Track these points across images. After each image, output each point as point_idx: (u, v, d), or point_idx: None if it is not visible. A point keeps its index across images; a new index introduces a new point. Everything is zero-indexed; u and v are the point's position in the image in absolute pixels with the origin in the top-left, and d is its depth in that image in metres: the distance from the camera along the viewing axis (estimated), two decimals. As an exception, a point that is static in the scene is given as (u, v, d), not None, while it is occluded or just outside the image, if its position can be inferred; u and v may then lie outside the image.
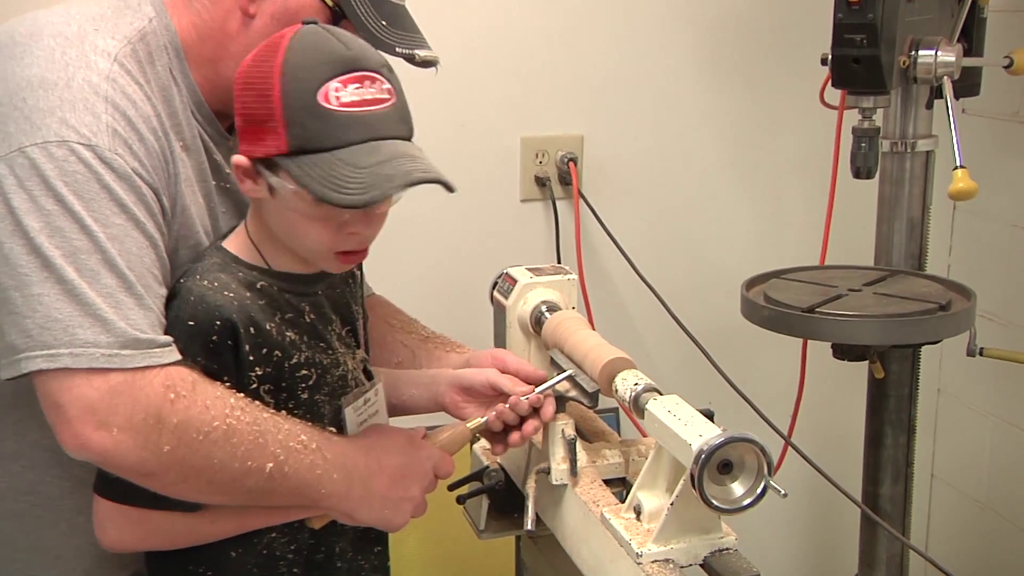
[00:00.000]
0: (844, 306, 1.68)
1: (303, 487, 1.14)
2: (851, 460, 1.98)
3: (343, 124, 1.06)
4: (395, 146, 1.09)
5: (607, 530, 1.20)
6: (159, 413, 1.05)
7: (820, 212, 1.96)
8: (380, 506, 1.19)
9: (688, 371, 2.12)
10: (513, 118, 2.10)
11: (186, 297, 1.12)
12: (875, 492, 1.88)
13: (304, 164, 1.06)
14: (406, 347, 1.44)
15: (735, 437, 1.07)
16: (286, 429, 1.13)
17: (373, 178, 1.05)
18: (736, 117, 2.24)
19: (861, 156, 1.72)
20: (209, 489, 1.10)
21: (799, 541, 2.51)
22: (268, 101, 1.07)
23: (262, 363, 1.14)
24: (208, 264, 1.16)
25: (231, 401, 1.09)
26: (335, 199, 1.05)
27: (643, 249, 2.13)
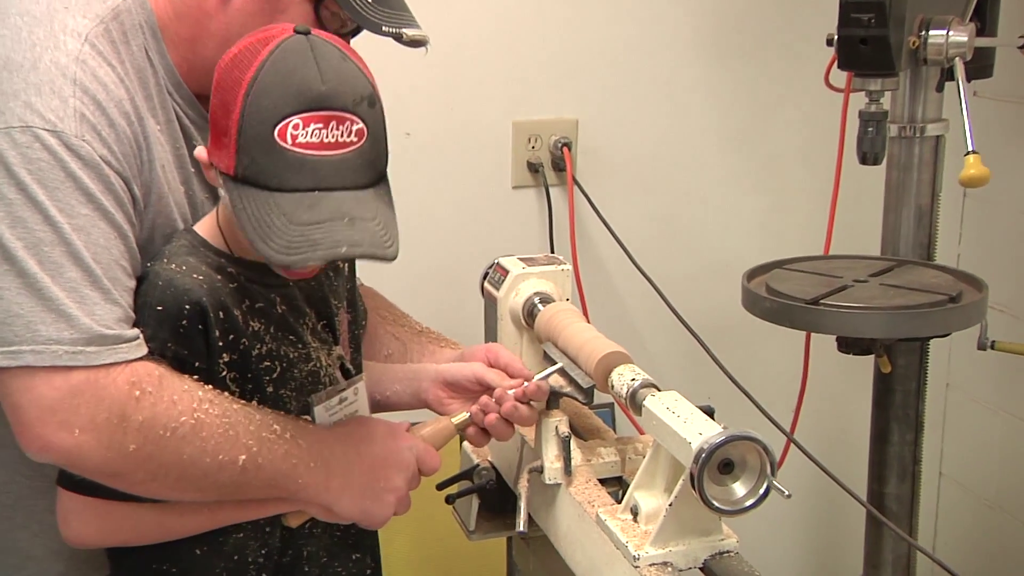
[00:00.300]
0: (849, 297, 1.68)
1: (279, 478, 1.14)
2: (856, 458, 1.98)
3: (292, 166, 1.05)
4: (340, 203, 1.06)
5: (603, 532, 1.20)
6: (123, 412, 1.05)
7: (825, 199, 1.95)
8: (360, 497, 1.19)
9: (687, 365, 2.12)
10: (504, 101, 2.09)
11: (154, 281, 1.12)
12: (881, 491, 1.88)
13: (244, 195, 1.06)
14: (397, 340, 1.44)
15: (737, 435, 1.07)
16: (258, 419, 1.12)
17: (301, 240, 1.04)
18: (738, 100, 2.24)
19: (868, 141, 1.71)
20: (180, 486, 1.10)
21: (802, 542, 2.52)
22: (228, 116, 1.06)
23: (229, 349, 1.14)
24: (176, 247, 1.16)
25: (199, 394, 1.09)
26: (259, 248, 1.04)
27: (640, 238, 2.13)
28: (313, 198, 1.05)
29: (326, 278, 1.27)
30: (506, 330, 1.44)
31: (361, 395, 1.29)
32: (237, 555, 1.19)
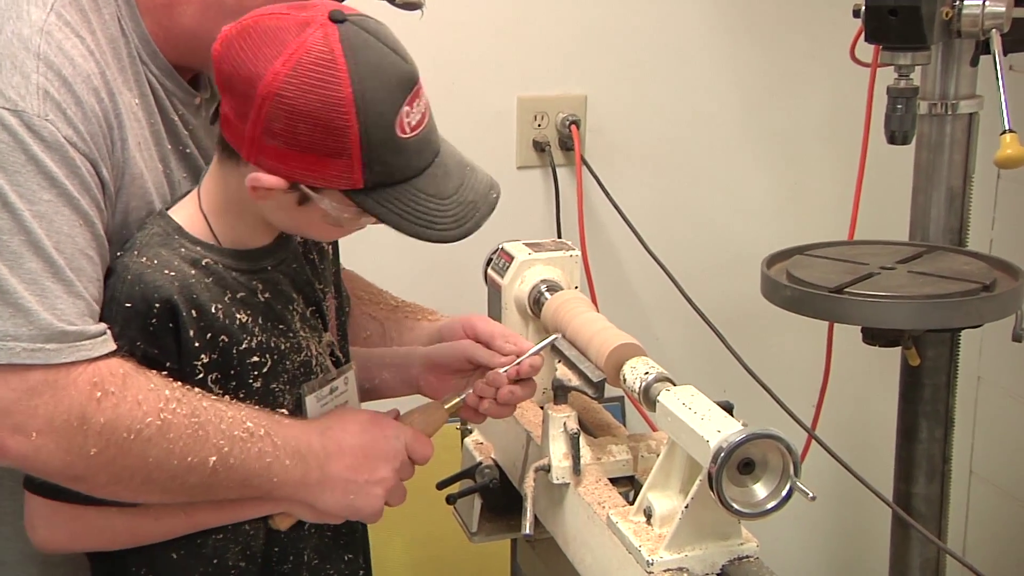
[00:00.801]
0: (875, 286, 1.67)
1: (252, 477, 1.13)
2: (882, 456, 1.97)
3: (416, 151, 1.11)
4: (451, 155, 1.15)
5: (614, 535, 1.20)
6: (83, 413, 1.04)
7: (850, 182, 1.94)
8: (343, 491, 1.18)
9: (702, 358, 2.11)
10: (509, 76, 2.08)
11: (123, 275, 1.12)
12: (908, 491, 1.88)
13: (383, 200, 1.09)
14: (374, 319, 1.44)
15: (758, 433, 1.06)
16: (229, 417, 1.11)
17: (460, 208, 1.12)
18: (756, 75, 2.23)
19: (896, 119, 1.70)
20: (146, 489, 1.10)
21: (824, 545, 2.52)
22: (341, 137, 1.06)
23: (208, 350, 1.13)
24: (148, 236, 1.15)
25: (166, 393, 1.08)
26: (429, 236, 1.11)
27: (653, 222, 2.12)
28: (439, 166, 1.12)
29: (307, 262, 1.27)
30: (511, 319, 1.44)
31: (351, 384, 1.29)
32: (217, 558, 1.18)
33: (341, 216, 1.12)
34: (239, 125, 1.09)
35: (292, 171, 1.09)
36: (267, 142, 1.08)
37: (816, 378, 2.08)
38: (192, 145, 1.23)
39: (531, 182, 2.13)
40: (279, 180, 1.09)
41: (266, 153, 1.08)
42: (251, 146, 1.09)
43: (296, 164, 1.08)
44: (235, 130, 1.10)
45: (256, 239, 1.19)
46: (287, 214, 1.14)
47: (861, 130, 1.89)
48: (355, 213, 1.12)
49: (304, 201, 1.11)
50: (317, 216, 1.13)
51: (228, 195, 1.15)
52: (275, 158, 1.08)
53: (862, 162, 1.91)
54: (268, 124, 1.07)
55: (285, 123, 1.06)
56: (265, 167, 1.09)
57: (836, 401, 2.13)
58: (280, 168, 1.09)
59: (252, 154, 1.09)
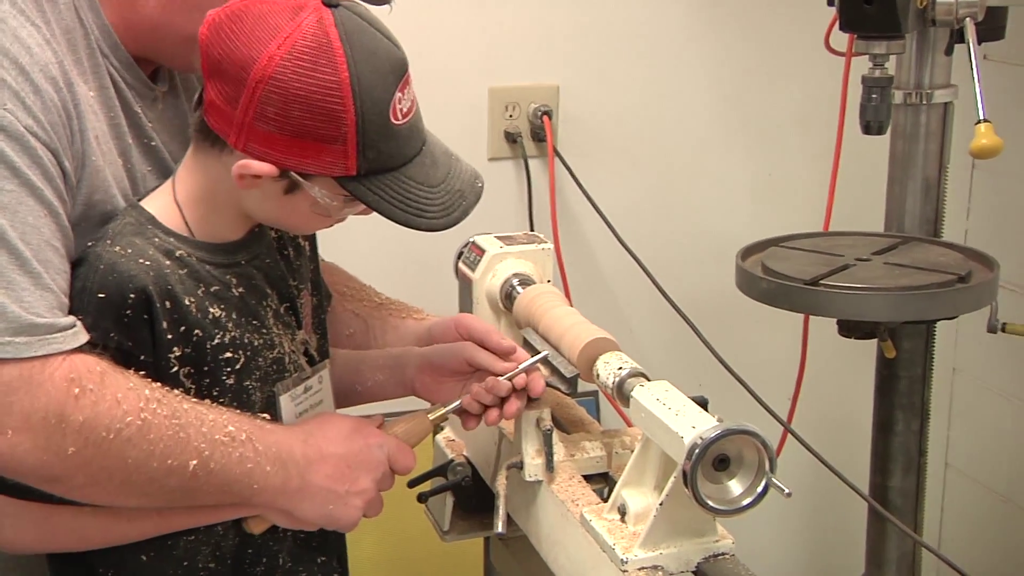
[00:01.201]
0: (851, 277, 1.68)
1: (232, 483, 1.13)
2: (857, 449, 1.99)
3: (407, 138, 1.12)
4: (437, 144, 1.18)
5: (587, 533, 1.20)
6: (61, 411, 1.03)
7: (825, 172, 1.95)
8: (322, 500, 1.18)
9: (677, 351, 2.12)
10: (479, 66, 2.08)
11: (95, 265, 1.11)
12: (884, 484, 1.89)
13: (375, 187, 1.11)
14: (358, 316, 1.43)
15: (733, 429, 1.07)
16: (211, 420, 1.11)
17: (448, 197, 1.14)
18: (731, 65, 2.23)
19: (871, 109, 1.71)
20: (124, 492, 1.09)
21: (799, 539, 2.53)
22: (337, 123, 1.07)
23: (180, 343, 1.13)
24: (121, 225, 1.14)
25: (146, 393, 1.08)
26: (419, 224, 1.13)
27: (627, 214, 2.12)
28: (427, 155, 1.15)
29: (283, 258, 1.26)
30: (482, 314, 1.44)
31: (325, 384, 1.28)
32: (187, 560, 1.18)
33: (329, 204, 1.12)
34: (228, 111, 1.08)
35: (284, 157, 1.09)
36: (259, 127, 1.08)
37: (792, 371, 2.09)
38: (155, 139, 1.22)
39: (503, 174, 2.12)
40: (270, 167, 1.09)
41: (257, 139, 1.08)
42: (241, 132, 1.09)
43: (288, 150, 1.08)
44: (223, 116, 1.09)
45: (231, 232, 1.19)
46: (272, 203, 1.14)
47: (836, 120, 1.89)
48: (344, 201, 1.12)
49: (292, 189, 1.12)
50: (304, 205, 1.13)
51: (206, 185, 1.15)
52: (266, 144, 1.08)
53: (837, 152, 1.92)
54: (261, 109, 1.07)
55: (279, 107, 1.06)
56: (255, 154, 1.09)
57: (812, 395, 2.14)
58: (271, 154, 1.09)
59: (241, 140, 1.09)
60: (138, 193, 1.20)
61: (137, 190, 1.20)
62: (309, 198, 1.12)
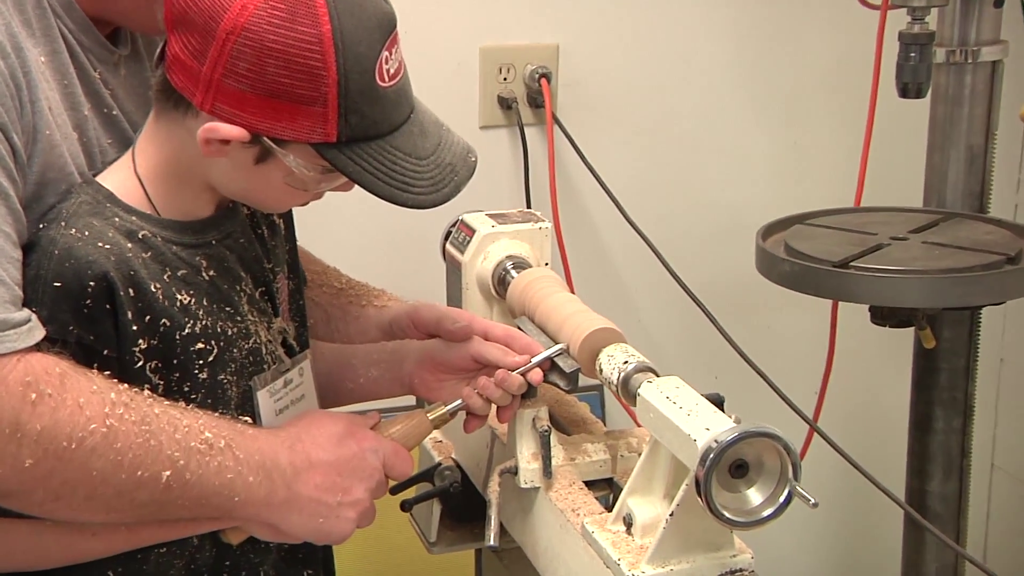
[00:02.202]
0: (885, 259, 1.68)
1: (211, 496, 1.12)
2: (892, 450, 1.99)
3: (394, 103, 1.12)
4: (426, 113, 1.17)
5: (589, 546, 1.20)
6: (16, 419, 1.02)
7: (856, 140, 1.95)
8: (312, 513, 1.18)
9: (690, 343, 2.14)
10: (470, 23, 2.07)
11: (48, 250, 1.10)
12: (922, 488, 1.90)
13: (357, 156, 1.10)
14: (317, 305, 1.43)
15: (752, 431, 1.06)
16: (185, 426, 1.11)
17: (438, 171, 1.14)
18: (751, 20, 2.22)
19: (909, 69, 1.71)
20: (89, 506, 1.09)
21: (827, 552, 2.53)
22: (316, 80, 1.07)
23: (146, 334, 1.12)
24: (76, 205, 1.13)
25: (111, 396, 1.07)
26: (405, 200, 1.12)
27: (634, 189, 2.12)
28: (415, 123, 1.15)
29: (257, 238, 1.26)
30: (473, 300, 1.44)
31: (307, 377, 1.28)
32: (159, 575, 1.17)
33: (306, 176, 1.12)
34: (194, 66, 1.08)
35: (256, 120, 1.08)
36: (228, 85, 1.07)
37: (818, 364, 2.08)
38: (116, 107, 1.22)
39: (495, 144, 2.12)
40: (240, 131, 1.09)
41: (226, 98, 1.08)
42: (208, 90, 1.08)
43: (261, 112, 1.08)
44: (188, 73, 1.09)
45: (199, 208, 1.18)
46: (241, 174, 1.13)
47: (869, 82, 1.89)
48: (322, 172, 1.12)
49: (264, 158, 1.11)
50: (277, 176, 1.13)
51: (169, 155, 1.15)
52: (236, 104, 1.08)
53: (870, 118, 1.91)
54: (231, 64, 1.06)
55: (252, 62, 1.06)
56: (223, 115, 1.08)
57: (841, 389, 2.14)
58: (241, 116, 1.08)
59: (208, 100, 1.08)
60: (96, 169, 1.19)
61: (95, 165, 1.19)
62: (283, 168, 1.11)
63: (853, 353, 2.17)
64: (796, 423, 1.75)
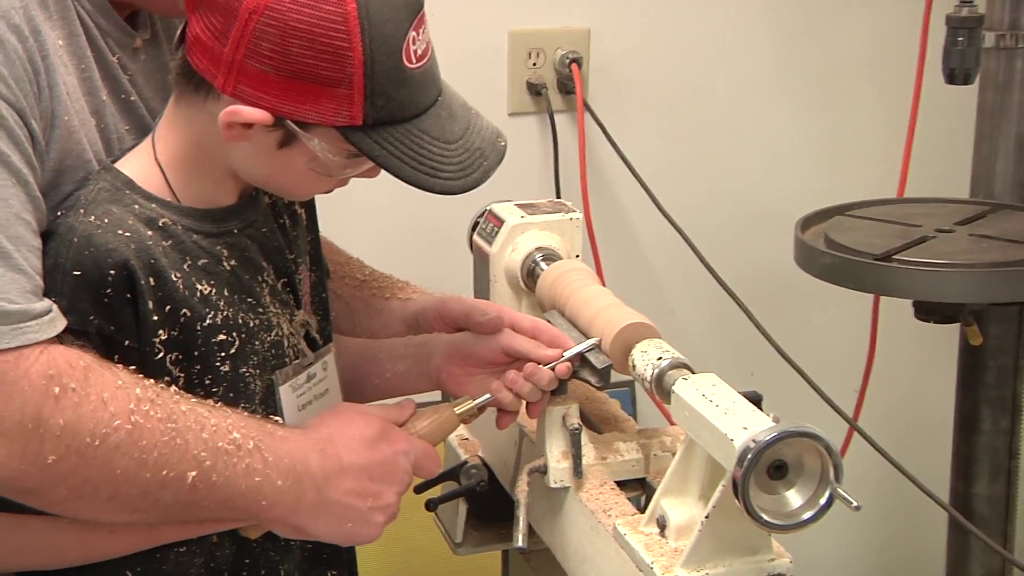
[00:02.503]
0: (930, 252, 1.68)
1: (237, 498, 1.12)
2: (936, 450, 1.98)
3: (421, 86, 1.12)
4: (455, 97, 1.17)
5: (621, 548, 1.20)
6: (39, 414, 1.03)
7: (900, 128, 1.95)
8: (340, 518, 1.18)
9: (725, 338, 2.13)
10: (498, 6, 2.07)
11: (67, 239, 1.10)
12: (967, 491, 1.89)
13: (383, 140, 1.11)
14: (339, 297, 1.43)
15: (792, 431, 1.05)
16: (212, 425, 1.11)
17: (467, 155, 1.14)
18: (788, 1, 2.21)
19: (957, 54, 1.70)
20: (112, 506, 1.09)
21: (868, 556, 2.52)
22: (342, 63, 1.07)
23: (167, 325, 1.12)
24: (95, 192, 1.14)
25: (136, 392, 1.07)
26: (432, 185, 1.12)
27: (667, 178, 2.12)
28: (443, 106, 1.15)
29: (277, 226, 1.26)
30: (501, 293, 1.43)
31: (331, 371, 1.28)
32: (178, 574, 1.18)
33: (330, 160, 1.12)
34: (215, 47, 1.08)
35: (279, 103, 1.09)
36: (251, 66, 1.07)
37: (859, 361, 2.09)
38: (135, 93, 1.22)
39: (525, 131, 2.12)
40: (263, 114, 1.09)
41: (248, 80, 1.08)
42: (230, 72, 1.08)
43: (285, 94, 1.08)
44: (210, 54, 1.09)
45: (221, 196, 1.19)
46: (263, 159, 1.13)
47: (914, 67, 1.89)
48: (347, 157, 1.12)
49: (288, 142, 1.11)
50: (301, 161, 1.13)
51: (190, 140, 1.15)
52: (259, 87, 1.08)
53: (915, 105, 1.91)
54: (254, 44, 1.07)
55: (275, 43, 1.06)
56: (245, 98, 1.09)
57: (882, 388, 2.14)
58: (264, 99, 1.08)
59: (231, 82, 1.09)
60: (114, 156, 1.19)
61: (112, 152, 1.20)
62: (307, 152, 1.12)
63: (895, 350, 2.16)
64: (836, 422, 1.74)
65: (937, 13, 1.78)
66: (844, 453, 2.00)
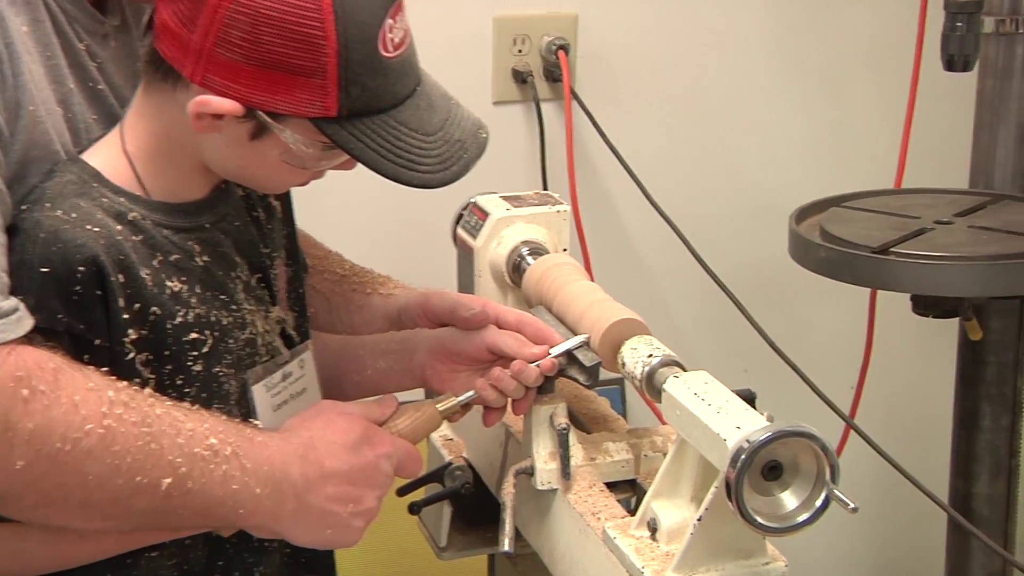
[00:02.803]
0: (928, 244, 1.68)
1: (214, 506, 1.12)
2: (935, 449, 1.99)
3: (397, 74, 1.12)
4: (435, 87, 1.17)
5: (611, 552, 1.20)
6: (6, 417, 1.02)
7: (897, 117, 1.95)
8: (320, 524, 1.18)
9: (719, 334, 2.14)
10: (482, -9, 2.07)
11: (34, 234, 1.10)
12: (967, 490, 1.90)
13: (359, 132, 1.11)
14: (319, 293, 1.43)
15: (787, 431, 1.06)
16: (189, 430, 1.11)
17: (447, 147, 1.15)
18: (784, -12, 2.21)
19: (956, 40, 1.70)
20: (84, 513, 1.09)
21: (866, 558, 2.53)
22: (315, 52, 1.07)
23: (136, 324, 1.13)
24: (61, 185, 1.13)
25: (109, 395, 1.07)
26: (411, 179, 1.12)
27: (658, 169, 2.12)
28: (422, 97, 1.15)
29: (253, 221, 1.26)
30: (486, 288, 1.43)
31: (308, 369, 1.28)
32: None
33: (304, 153, 1.12)
34: (184, 35, 1.08)
35: (250, 93, 1.08)
36: (221, 55, 1.07)
37: (856, 357, 2.09)
38: (103, 81, 1.21)
39: (510, 121, 2.11)
40: (233, 104, 1.09)
41: (218, 69, 1.08)
42: (199, 61, 1.08)
43: (256, 84, 1.08)
44: (178, 42, 1.09)
45: (192, 189, 1.19)
46: (235, 151, 1.13)
47: (911, 54, 1.89)
48: (321, 149, 1.12)
49: (260, 134, 1.11)
50: (274, 153, 1.13)
51: (159, 131, 1.15)
52: (229, 76, 1.08)
53: (912, 93, 1.92)
54: (224, 32, 1.06)
55: (246, 31, 1.06)
56: (215, 88, 1.08)
57: (880, 384, 2.15)
58: (234, 89, 1.08)
59: (199, 71, 1.08)
60: (81, 145, 1.19)
61: (80, 143, 1.19)
62: (280, 144, 1.11)
63: (893, 345, 2.17)
64: (832, 420, 1.75)
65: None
66: (840, 452, 2.02)
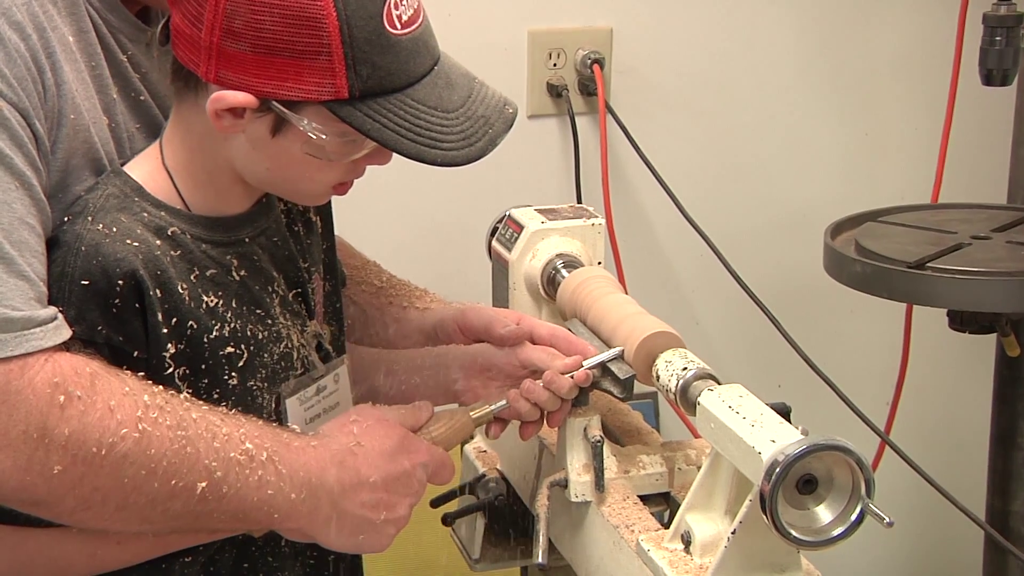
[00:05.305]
0: (965, 259, 1.68)
1: (249, 511, 1.13)
2: (971, 466, 1.99)
3: (411, 53, 1.11)
4: (454, 68, 1.16)
5: (645, 565, 1.20)
6: (44, 423, 1.03)
7: (934, 131, 1.95)
8: (353, 529, 1.19)
9: (752, 348, 2.13)
10: (518, 5, 2.08)
11: (74, 247, 1.11)
12: (1004, 508, 1.89)
13: (375, 113, 1.09)
14: (354, 304, 1.43)
15: (822, 444, 1.06)
16: (224, 434, 1.11)
17: (470, 123, 1.13)
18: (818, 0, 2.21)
19: (994, 54, 1.70)
20: (121, 516, 1.09)
21: (901, 572, 2.51)
22: (317, 31, 1.07)
23: (175, 337, 1.13)
24: (102, 198, 1.14)
25: (144, 399, 1.08)
26: (434, 157, 1.11)
27: (692, 182, 2.12)
28: (439, 75, 1.13)
29: (292, 235, 1.26)
30: (520, 301, 1.44)
31: (343, 384, 1.28)
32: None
33: (324, 142, 1.11)
34: (194, 34, 1.08)
35: (261, 83, 1.08)
36: (228, 48, 1.08)
37: (891, 372, 2.08)
38: (145, 91, 1.22)
39: (545, 134, 2.12)
40: (246, 96, 1.09)
41: (228, 63, 1.08)
42: (210, 58, 1.08)
43: (265, 73, 1.08)
44: (191, 43, 1.09)
45: (232, 204, 1.19)
46: (261, 153, 1.13)
47: (949, 68, 1.89)
48: (341, 136, 1.11)
49: (280, 128, 1.11)
50: (296, 148, 1.12)
51: (194, 145, 1.15)
52: (240, 69, 1.08)
53: (950, 107, 1.91)
54: (227, 23, 1.07)
55: (247, 19, 1.06)
56: (229, 83, 1.09)
57: (915, 400, 2.14)
58: (247, 81, 1.08)
59: (212, 69, 1.09)
60: (125, 156, 1.20)
61: (124, 152, 1.20)
62: (301, 136, 1.11)
63: (929, 361, 2.15)
64: (867, 435, 1.74)
65: (973, 11, 1.77)
66: (876, 468, 2.01)
